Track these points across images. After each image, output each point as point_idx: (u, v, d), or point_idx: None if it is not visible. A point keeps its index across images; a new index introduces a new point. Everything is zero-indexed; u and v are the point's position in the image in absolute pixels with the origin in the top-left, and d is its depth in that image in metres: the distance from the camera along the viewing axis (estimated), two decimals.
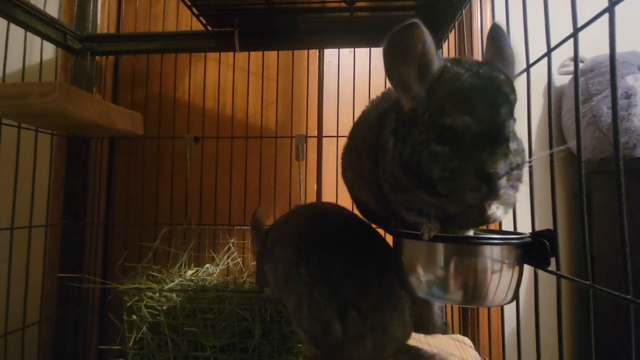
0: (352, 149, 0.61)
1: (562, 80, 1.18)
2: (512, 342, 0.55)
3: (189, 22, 1.15)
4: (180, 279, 0.92)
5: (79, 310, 1.10)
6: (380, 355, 0.52)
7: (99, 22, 1.19)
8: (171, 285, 0.87)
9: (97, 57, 1.15)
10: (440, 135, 0.38)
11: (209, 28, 1.01)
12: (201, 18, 0.96)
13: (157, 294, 0.83)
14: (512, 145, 0.37)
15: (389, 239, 0.53)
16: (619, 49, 0.59)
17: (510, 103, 0.39)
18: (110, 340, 1.05)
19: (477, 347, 0.74)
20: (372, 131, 0.50)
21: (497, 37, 0.44)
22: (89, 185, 1.15)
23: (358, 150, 0.56)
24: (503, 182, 0.36)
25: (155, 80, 1.21)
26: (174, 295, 0.83)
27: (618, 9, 0.36)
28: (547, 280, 0.46)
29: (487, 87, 0.38)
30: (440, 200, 0.41)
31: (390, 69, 0.42)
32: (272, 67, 1.17)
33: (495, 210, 0.40)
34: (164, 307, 0.82)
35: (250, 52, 1.11)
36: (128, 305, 0.83)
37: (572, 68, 1.11)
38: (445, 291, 0.43)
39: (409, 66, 0.40)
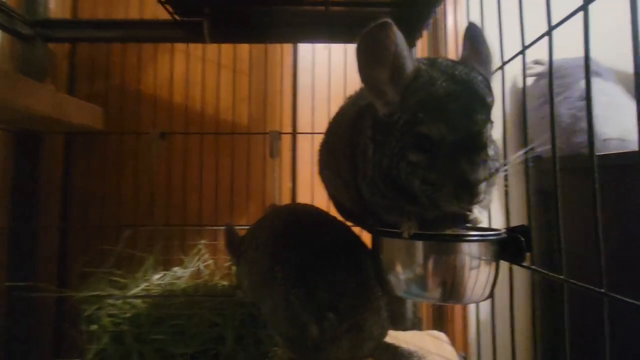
0: (329, 147, 0.59)
1: (526, 81, 1.24)
2: (487, 336, 0.56)
3: (154, 9, 1.08)
4: (145, 284, 0.86)
5: (31, 322, 1.01)
6: (357, 354, 0.52)
7: (52, 5, 1.09)
8: (135, 291, 0.82)
9: (50, 44, 1.05)
10: (416, 143, 0.37)
11: (176, 17, 0.95)
12: (167, 6, 0.90)
13: (119, 301, 0.78)
14: (490, 151, 0.37)
15: (366, 237, 0.52)
16: (577, 53, 0.61)
17: (487, 106, 0.38)
18: (68, 353, 0.97)
19: (453, 342, 0.76)
20: (349, 130, 0.49)
21: (474, 36, 0.44)
22: (42, 185, 1.05)
23: (335, 149, 0.55)
24: (483, 187, 0.35)
25: (116, 72, 1.13)
26: (139, 301, 0.78)
27: (578, 15, 0.37)
28: (518, 276, 0.47)
29: (463, 93, 0.37)
30: (421, 208, 0.40)
31: (363, 71, 0.40)
32: (244, 61, 1.13)
33: (478, 214, 0.40)
34: (128, 315, 0.77)
35: (221, 45, 1.06)
36: (87, 314, 0.77)
37: (535, 70, 1.17)
38: (424, 289, 0.42)
39: (381, 69, 0.39)
